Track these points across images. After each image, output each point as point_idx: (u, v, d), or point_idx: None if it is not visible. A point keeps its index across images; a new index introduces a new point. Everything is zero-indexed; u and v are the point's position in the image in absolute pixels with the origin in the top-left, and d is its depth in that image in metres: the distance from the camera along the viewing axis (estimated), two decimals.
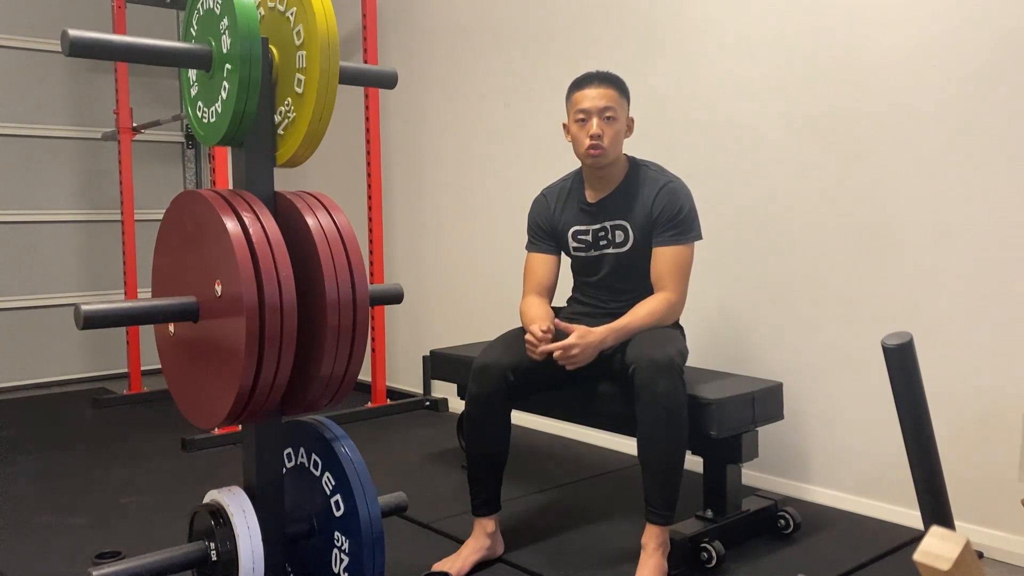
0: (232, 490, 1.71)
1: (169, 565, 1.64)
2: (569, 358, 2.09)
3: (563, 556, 2.20)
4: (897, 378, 1.07)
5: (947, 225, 2.29)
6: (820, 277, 2.56)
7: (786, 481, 2.66)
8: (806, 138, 2.57)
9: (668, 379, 1.98)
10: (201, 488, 1.84)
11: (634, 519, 2.37)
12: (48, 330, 4.55)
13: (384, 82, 1.89)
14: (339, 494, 1.72)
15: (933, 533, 0.76)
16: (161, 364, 1.79)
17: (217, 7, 1.64)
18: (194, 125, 1.78)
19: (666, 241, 2.25)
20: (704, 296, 2.74)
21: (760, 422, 2.28)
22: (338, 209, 1.70)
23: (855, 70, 2.45)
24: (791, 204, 2.61)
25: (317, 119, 1.65)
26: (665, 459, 2.01)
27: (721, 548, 2.09)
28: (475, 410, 2.16)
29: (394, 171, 4.12)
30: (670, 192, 2.27)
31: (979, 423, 2.25)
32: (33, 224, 4.52)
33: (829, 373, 2.55)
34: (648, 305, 2.21)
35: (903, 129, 2.36)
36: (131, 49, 1.58)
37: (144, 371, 4.25)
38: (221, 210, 1.55)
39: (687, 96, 2.87)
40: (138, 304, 1.60)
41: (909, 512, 2.36)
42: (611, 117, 2.23)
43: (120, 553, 2.00)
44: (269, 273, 1.52)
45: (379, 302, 1.88)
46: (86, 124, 4.63)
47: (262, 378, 1.53)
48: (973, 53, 2.22)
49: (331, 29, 1.63)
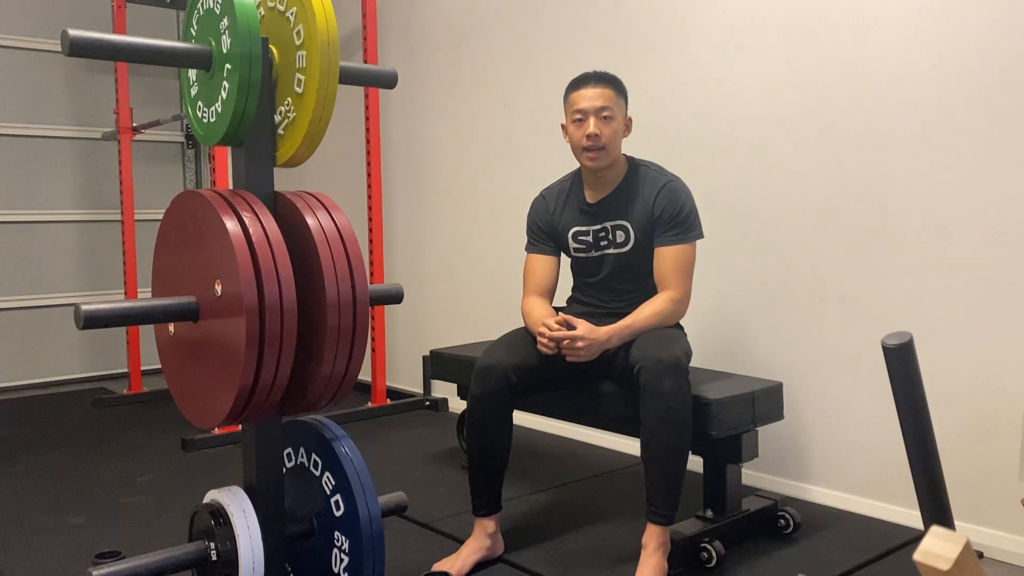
0: (232, 490, 1.70)
1: (169, 565, 1.64)
2: (574, 350, 2.09)
3: (563, 556, 2.20)
4: (897, 378, 1.07)
5: (947, 225, 2.29)
6: (820, 277, 2.56)
7: (786, 481, 2.66)
8: (806, 138, 2.57)
9: (674, 379, 1.98)
10: (201, 488, 1.84)
11: (634, 519, 2.37)
12: (48, 330, 4.55)
13: (384, 82, 1.89)
14: (339, 494, 1.72)
15: (933, 533, 0.76)
16: (161, 364, 1.79)
17: (217, 7, 1.64)
18: (194, 125, 1.78)
19: (668, 241, 2.25)
20: (704, 296, 2.73)
21: (760, 422, 2.28)
22: (338, 209, 1.70)
23: (855, 70, 2.44)
24: (791, 204, 2.61)
25: (317, 119, 1.65)
26: (668, 459, 2.01)
27: (721, 548, 2.09)
28: (477, 411, 2.16)
29: (394, 171, 4.12)
30: (671, 191, 2.27)
31: (979, 423, 2.25)
32: (33, 224, 4.52)
33: (829, 373, 2.55)
34: (653, 305, 2.22)
35: (903, 129, 2.36)
36: (131, 49, 1.58)
37: (144, 371, 4.25)
38: (221, 210, 1.55)
39: (686, 96, 2.87)
40: (138, 304, 1.60)
41: (909, 512, 2.36)
42: (608, 117, 2.23)
43: (120, 553, 2.00)
44: (269, 273, 1.52)
45: (379, 302, 1.88)
46: (86, 124, 4.63)
47: (262, 378, 1.53)
48: (973, 53, 2.22)
49: (331, 29, 1.63)
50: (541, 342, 2.14)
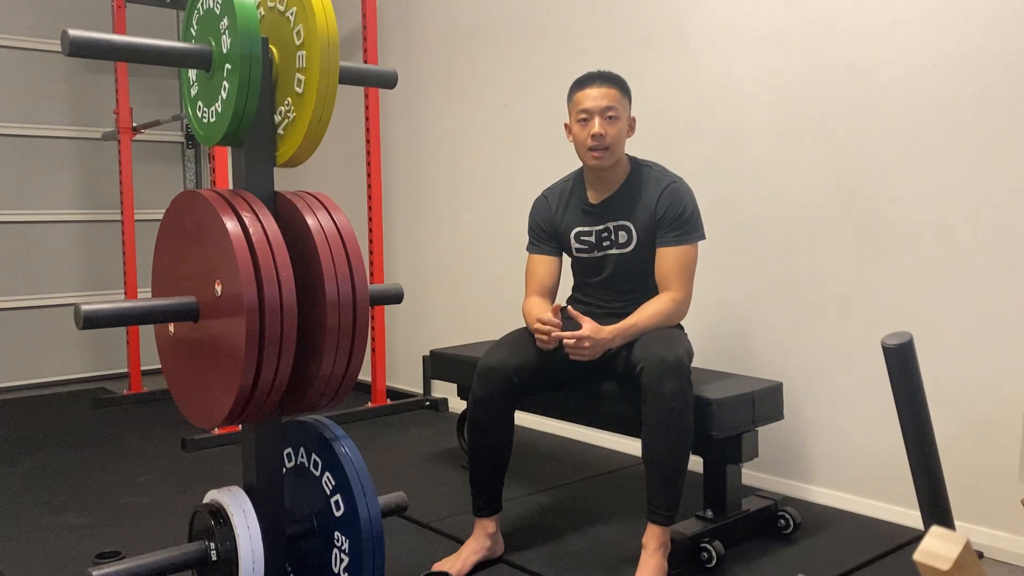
0: (232, 490, 1.70)
1: (169, 565, 1.64)
2: (579, 349, 2.09)
3: (563, 556, 2.20)
4: (897, 378, 1.07)
5: (947, 225, 2.29)
6: (820, 277, 2.56)
7: (786, 481, 2.66)
8: (806, 138, 2.57)
9: (676, 380, 1.98)
10: (201, 488, 1.84)
11: (634, 519, 2.37)
12: (48, 330, 4.55)
13: (384, 82, 1.89)
14: (339, 494, 1.72)
15: (933, 533, 0.76)
16: (161, 364, 1.79)
17: (217, 7, 1.64)
18: (194, 125, 1.78)
19: (670, 241, 2.25)
20: (704, 296, 2.73)
21: (760, 422, 2.28)
22: (338, 209, 1.70)
23: (855, 70, 2.45)
24: (791, 204, 2.61)
25: (317, 119, 1.65)
26: (669, 460, 2.01)
27: (721, 548, 2.09)
28: (479, 411, 2.16)
29: (394, 171, 4.12)
30: (674, 192, 2.27)
31: (979, 423, 2.25)
32: (33, 224, 4.52)
33: (829, 373, 2.55)
34: (654, 305, 2.22)
35: (903, 129, 2.36)
36: (131, 49, 1.58)
37: (144, 371, 4.25)
38: (221, 210, 1.55)
39: (687, 96, 2.86)
40: (138, 304, 1.60)
41: (909, 512, 2.36)
42: (613, 117, 2.23)
43: (120, 553, 2.00)
44: (269, 273, 1.52)
45: (379, 302, 1.88)
46: (86, 124, 4.63)
47: (262, 378, 1.53)
48: (973, 53, 2.22)
49: (331, 29, 1.63)
50: (540, 339, 2.14)
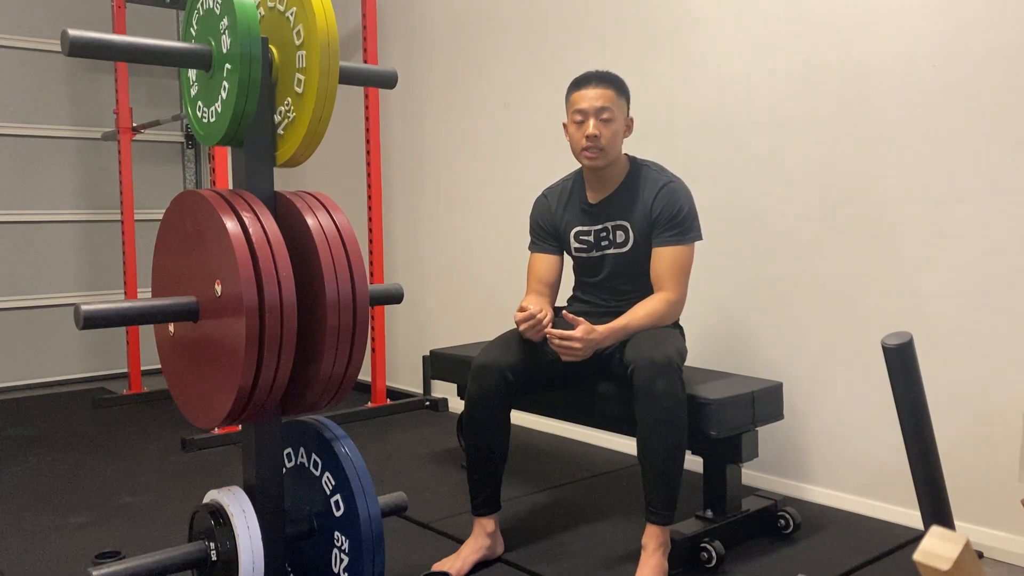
0: (232, 490, 1.70)
1: (169, 565, 1.64)
2: (569, 349, 2.09)
3: (563, 556, 2.20)
4: (897, 378, 1.07)
5: (947, 225, 2.29)
6: (820, 277, 2.56)
7: (786, 481, 2.66)
8: (805, 138, 2.57)
9: (667, 379, 1.98)
10: (201, 488, 1.84)
11: (634, 519, 2.37)
12: (48, 330, 4.55)
13: (384, 82, 1.89)
14: (339, 494, 1.72)
15: (933, 533, 0.76)
16: (161, 364, 1.79)
17: (217, 7, 1.64)
18: (194, 125, 1.78)
19: (665, 241, 2.25)
20: (704, 296, 2.74)
21: (760, 422, 2.28)
22: (338, 209, 1.70)
23: (854, 70, 2.45)
24: (791, 204, 2.61)
25: (317, 119, 1.65)
26: (664, 459, 2.01)
27: (721, 548, 2.09)
28: (474, 410, 2.16)
29: (394, 171, 4.12)
30: (670, 192, 2.27)
31: (979, 423, 2.25)
32: (33, 224, 4.52)
33: (829, 373, 2.55)
34: (647, 305, 2.21)
35: (902, 129, 2.36)
36: (131, 49, 1.58)
37: (144, 371, 4.25)
38: (221, 210, 1.55)
39: (687, 96, 2.86)
40: (138, 304, 1.60)
41: (909, 512, 2.36)
42: (608, 118, 2.23)
43: (120, 553, 2.00)
44: (269, 273, 1.52)
45: (379, 302, 1.88)
46: (86, 124, 4.63)
47: (262, 378, 1.53)
48: (973, 53, 2.22)
49: (331, 29, 1.63)
50: (523, 328, 2.14)
